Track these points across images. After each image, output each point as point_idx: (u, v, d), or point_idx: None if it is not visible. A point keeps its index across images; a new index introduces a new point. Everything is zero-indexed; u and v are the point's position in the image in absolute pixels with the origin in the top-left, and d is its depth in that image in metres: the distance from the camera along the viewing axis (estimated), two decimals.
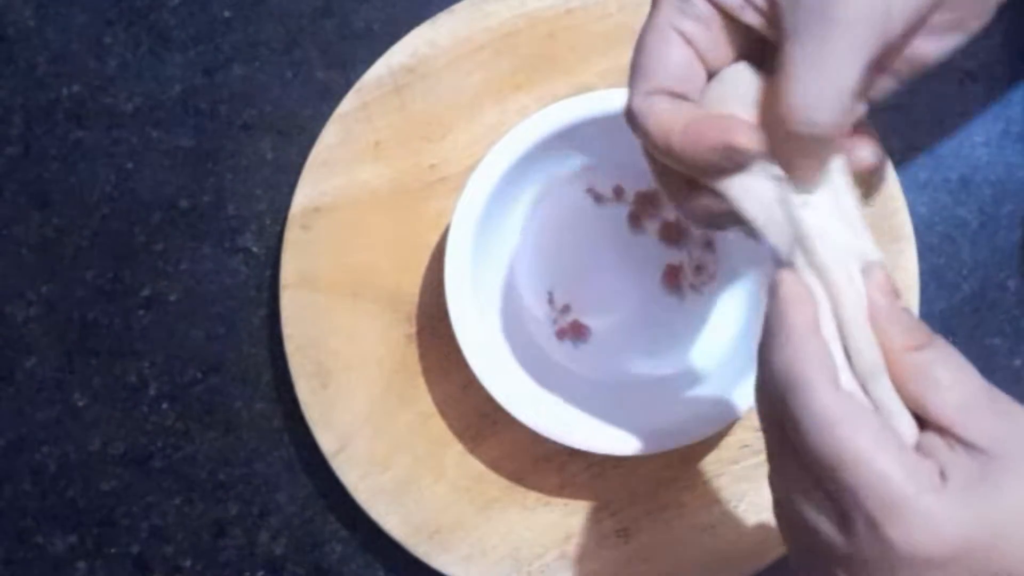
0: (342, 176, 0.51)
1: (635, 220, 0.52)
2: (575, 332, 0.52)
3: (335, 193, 0.51)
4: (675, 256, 0.52)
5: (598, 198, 0.52)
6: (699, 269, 0.52)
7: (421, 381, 0.52)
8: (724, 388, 0.48)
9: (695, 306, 0.52)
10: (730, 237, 0.51)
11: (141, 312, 0.53)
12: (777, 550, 0.51)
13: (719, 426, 0.48)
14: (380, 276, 0.52)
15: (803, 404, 0.30)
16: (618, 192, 0.52)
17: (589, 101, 0.46)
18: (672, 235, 0.52)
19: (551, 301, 0.52)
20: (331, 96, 0.52)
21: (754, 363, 0.47)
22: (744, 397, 0.47)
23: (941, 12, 0.31)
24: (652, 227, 0.52)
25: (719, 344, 0.51)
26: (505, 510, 0.51)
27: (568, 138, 0.47)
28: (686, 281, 0.52)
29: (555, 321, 0.52)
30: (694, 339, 0.51)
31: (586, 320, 0.52)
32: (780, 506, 0.33)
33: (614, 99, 0.47)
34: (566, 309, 0.52)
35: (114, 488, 0.53)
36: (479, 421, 0.51)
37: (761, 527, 0.51)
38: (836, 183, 0.31)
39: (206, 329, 0.53)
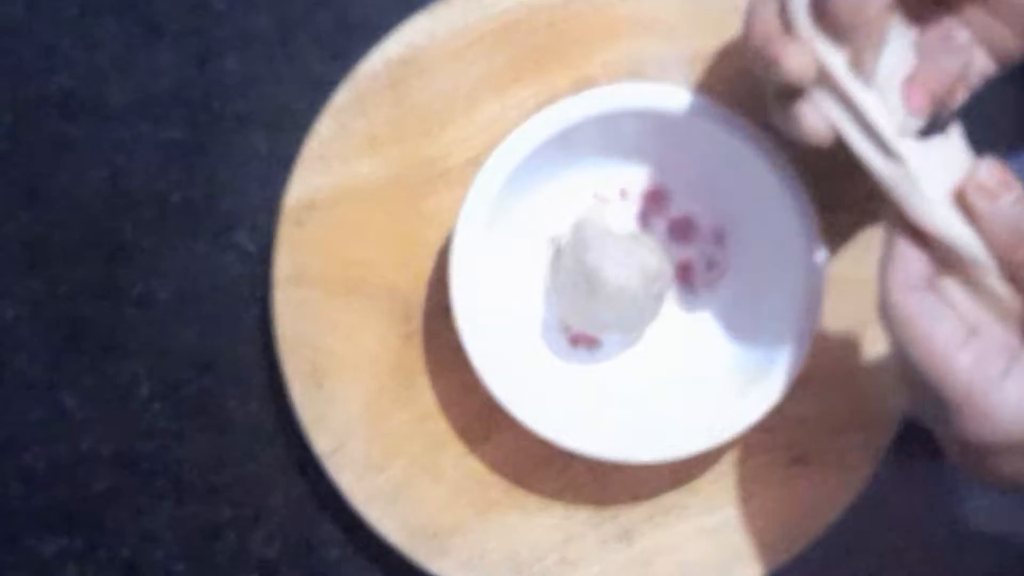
0: (337, 171, 0.51)
1: (643, 219, 0.51)
2: (588, 338, 0.51)
3: (330, 188, 0.51)
4: (685, 252, 0.51)
5: (603, 201, 0.51)
6: (710, 264, 0.51)
7: (419, 381, 0.51)
8: (736, 393, 0.48)
9: (709, 302, 0.51)
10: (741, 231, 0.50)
11: (132, 310, 0.53)
12: (783, 554, 0.51)
13: (725, 438, 0.47)
14: (376, 273, 0.51)
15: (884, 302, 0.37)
16: (623, 194, 0.51)
17: (591, 100, 0.46)
18: (681, 232, 0.51)
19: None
20: (326, 88, 0.52)
21: (769, 363, 0.47)
22: (757, 405, 0.47)
23: None
24: (660, 225, 0.51)
25: (732, 341, 0.50)
26: (505, 513, 0.51)
27: (571, 138, 0.47)
28: (698, 277, 0.51)
29: (567, 328, 0.51)
30: (709, 337, 0.51)
31: None
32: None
33: (616, 97, 0.46)
34: None
35: (105, 490, 0.53)
36: (479, 422, 0.51)
37: (767, 530, 0.51)
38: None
39: (198, 327, 0.53)
